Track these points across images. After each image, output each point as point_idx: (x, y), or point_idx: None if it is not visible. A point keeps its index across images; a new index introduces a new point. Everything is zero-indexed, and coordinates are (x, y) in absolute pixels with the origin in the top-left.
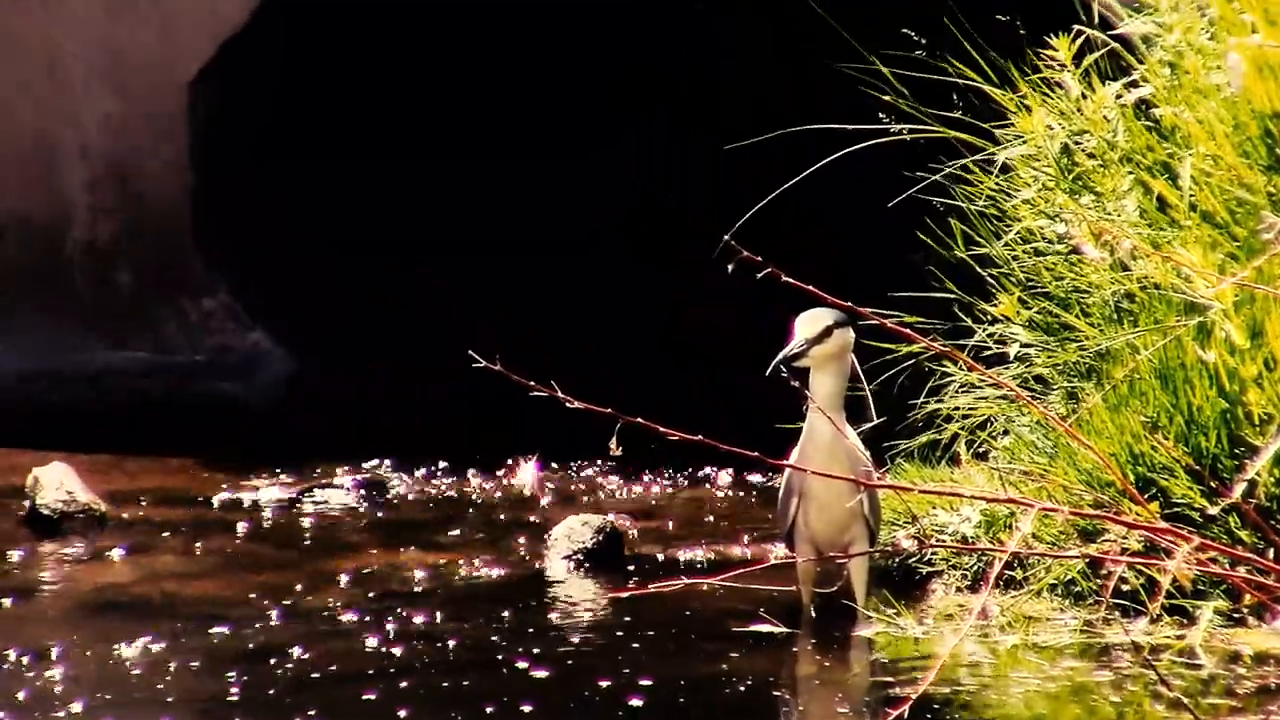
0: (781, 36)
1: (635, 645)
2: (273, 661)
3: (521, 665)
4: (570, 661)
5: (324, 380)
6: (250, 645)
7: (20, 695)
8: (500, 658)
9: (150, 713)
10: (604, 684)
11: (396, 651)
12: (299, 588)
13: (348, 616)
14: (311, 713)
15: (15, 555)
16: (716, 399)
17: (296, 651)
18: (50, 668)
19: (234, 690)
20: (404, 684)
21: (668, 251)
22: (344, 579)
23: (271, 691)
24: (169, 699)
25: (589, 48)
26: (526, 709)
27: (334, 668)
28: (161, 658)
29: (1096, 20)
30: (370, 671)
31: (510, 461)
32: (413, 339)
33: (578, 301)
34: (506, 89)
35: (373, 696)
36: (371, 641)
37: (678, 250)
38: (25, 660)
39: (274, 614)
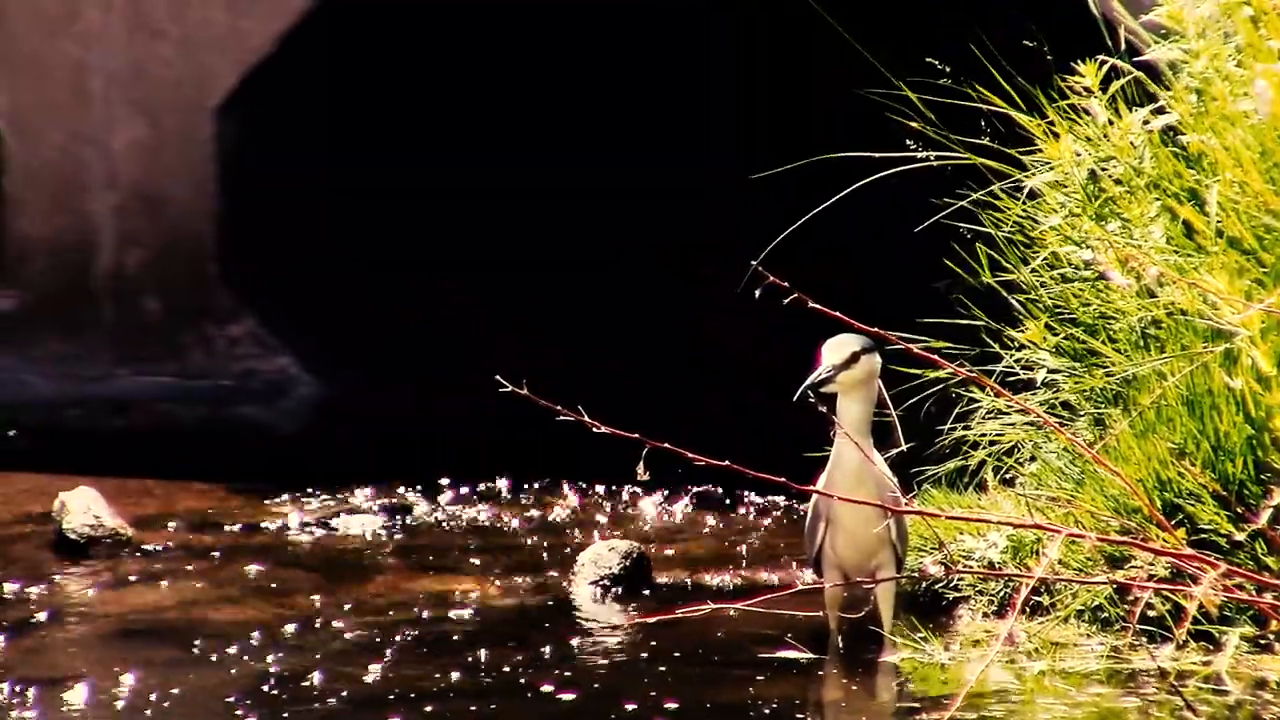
0: (807, 61)
1: (661, 670)
2: (298, 686)
3: (547, 689)
4: (596, 686)
5: (351, 404)
6: (276, 670)
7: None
8: (525, 683)
9: None
10: (630, 708)
11: (422, 676)
12: (325, 613)
13: (372, 641)
14: None
15: (42, 579)
16: (733, 417)
17: (322, 677)
18: (75, 693)
19: (259, 716)
20: (429, 709)
21: (690, 269)
22: (369, 604)
23: (298, 717)
24: None
25: (615, 67)
26: None
27: (359, 693)
28: (187, 683)
29: (1123, 47)
30: (394, 696)
31: (539, 484)
32: (437, 357)
33: (601, 318)
34: (531, 108)
35: None
36: (396, 666)
37: (700, 269)
38: (51, 685)
39: (300, 639)
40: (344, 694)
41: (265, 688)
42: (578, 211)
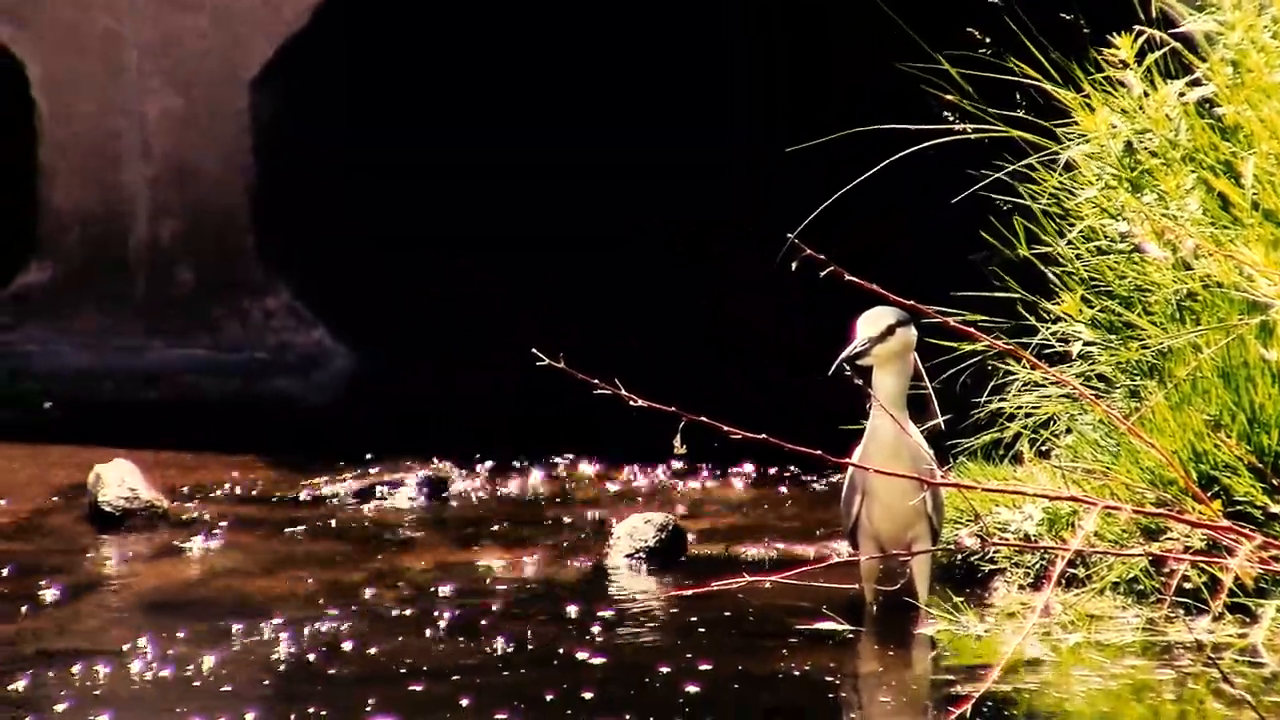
0: (826, 35)
1: (697, 642)
2: (334, 657)
3: (581, 659)
4: (631, 656)
5: (386, 376)
6: (312, 641)
7: (79, 691)
8: (560, 653)
9: (214, 708)
10: (662, 679)
11: (458, 647)
12: (361, 584)
13: (409, 612)
14: (373, 705)
15: (78, 552)
16: (756, 393)
17: (358, 647)
18: (113, 665)
19: (297, 686)
20: (466, 679)
21: (710, 246)
22: (406, 576)
23: (334, 686)
24: (233, 695)
25: (637, 42)
26: (586, 697)
27: (395, 663)
28: (224, 654)
29: (1158, 19)
30: (431, 666)
31: (571, 458)
32: (467, 331)
33: (621, 294)
34: (554, 83)
35: (435, 690)
36: (432, 637)
37: (719, 246)
38: (87, 657)
39: (336, 610)
40: (380, 665)
41: (301, 659)
42: (599, 188)
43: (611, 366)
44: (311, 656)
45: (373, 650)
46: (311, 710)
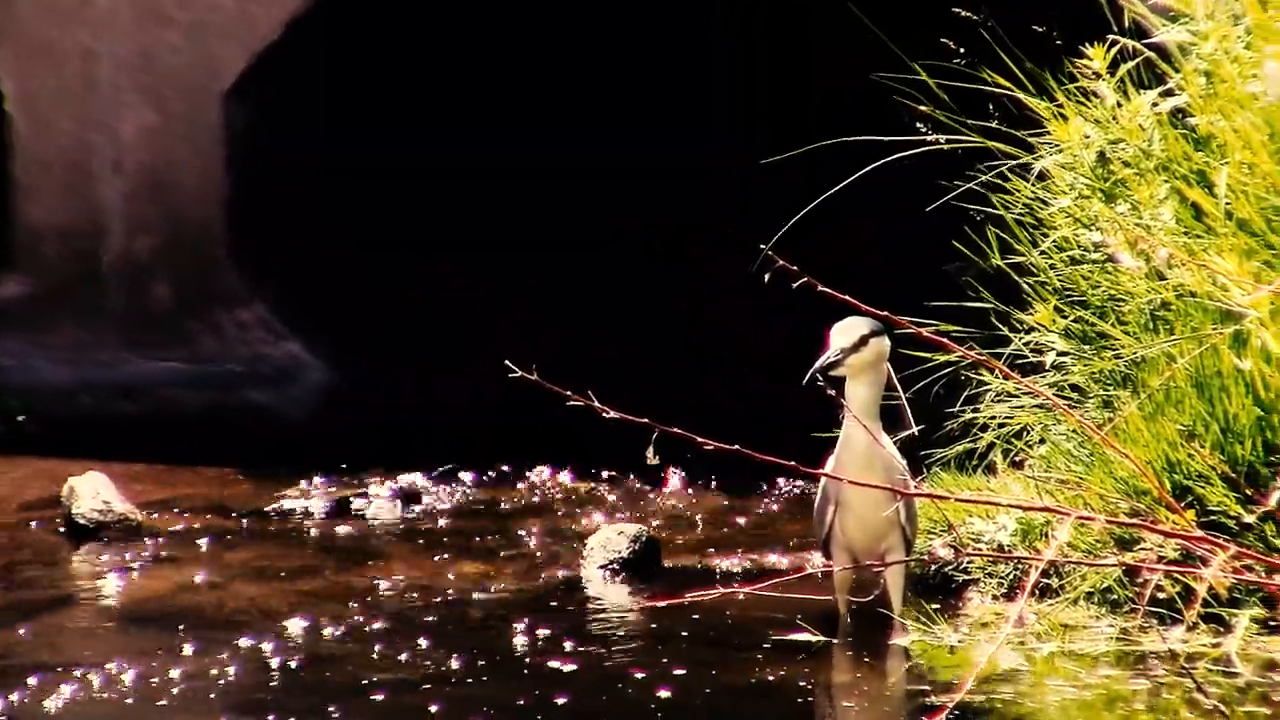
0: (806, 41)
1: (671, 653)
2: (308, 669)
3: (554, 670)
4: (605, 667)
5: (362, 388)
6: (286, 654)
7: (56, 705)
8: (533, 664)
9: None
10: (637, 688)
11: (430, 657)
12: (334, 596)
13: (381, 624)
14: (344, 715)
15: (52, 565)
16: (735, 400)
17: (330, 658)
18: (84, 678)
19: (270, 698)
20: (437, 688)
21: (689, 250)
22: (379, 588)
23: (307, 698)
24: (206, 709)
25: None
26: (559, 705)
27: (369, 675)
28: (198, 667)
29: (1131, 29)
30: (402, 677)
31: (546, 468)
32: (444, 341)
33: (600, 298)
34: (531, 87)
35: (405, 700)
36: (405, 648)
37: (698, 250)
38: (61, 671)
39: (308, 622)
40: (354, 677)
41: (276, 672)
42: (578, 191)
43: (590, 374)
44: (283, 668)
45: (345, 662)
46: (276, 718)
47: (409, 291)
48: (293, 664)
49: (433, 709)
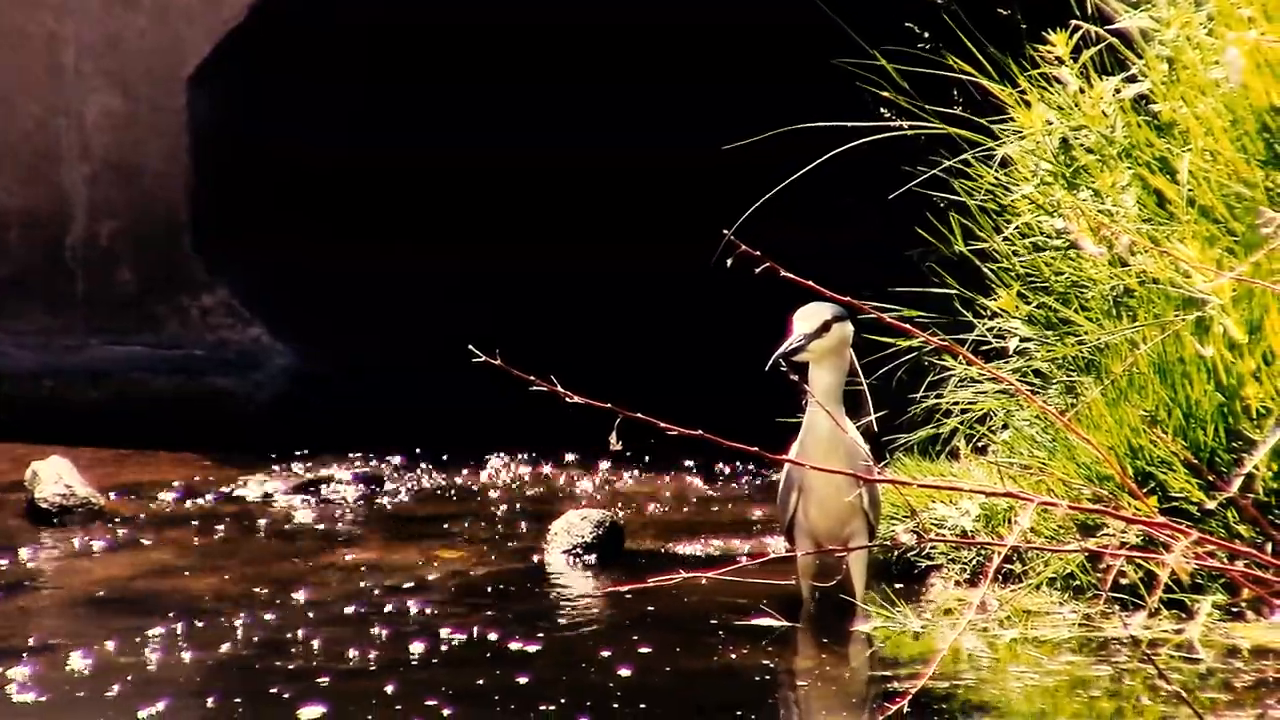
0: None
1: (634, 637)
2: (272, 655)
3: (515, 656)
4: (567, 651)
5: (326, 374)
6: (249, 639)
7: (17, 689)
8: (496, 646)
9: (147, 703)
10: (598, 672)
11: (391, 641)
12: (295, 580)
13: (343, 608)
14: (312, 705)
15: (12, 549)
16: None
17: (290, 641)
18: (45, 661)
19: (235, 684)
20: (401, 674)
21: (659, 240)
22: (343, 573)
23: (264, 680)
24: (170, 693)
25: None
26: (519, 686)
27: (332, 661)
28: (158, 649)
29: (1094, 15)
30: (362, 659)
31: (510, 454)
32: (409, 328)
33: (571, 289)
34: (497, 84)
35: (364, 681)
36: (365, 631)
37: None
38: (20, 655)
39: (274, 608)
40: (317, 662)
41: (238, 657)
42: (548, 186)
43: (556, 360)
44: (244, 651)
45: (305, 644)
46: (239, 701)
47: (373, 277)
48: (250, 647)
49: (389, 690)
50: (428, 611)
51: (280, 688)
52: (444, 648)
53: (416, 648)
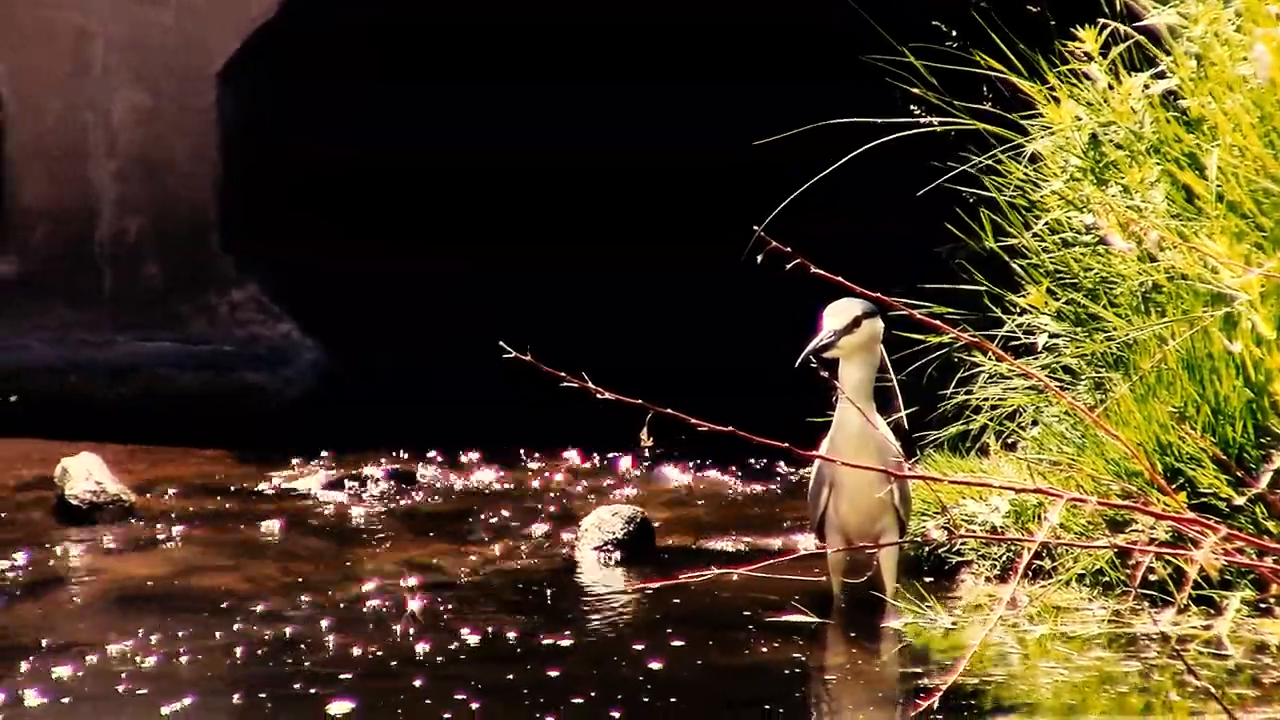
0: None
1: (664, 633)
2: (302, 651)
3: (546, 652)
4: (598, 647)
5: (355, 370)
6: (279, 635)
7: (48, 687)
8: (526, 642)
9: (178, 701)
10: (629, 668)
11: (421, 637)
12: (328, 578)
13: (373, 604)
14: (341, 700)
15: (44, 546)
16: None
17: (325, 641)
18: (78, 660)
19: (264, 681)
20: (430, 671)
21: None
22: (373, 569)
23: (300, 680)
24: (199, 689)
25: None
26: (550, 681)
27: (362, 658)
28: (192, 648)
29: (1123, 12)
30: (393, 655)
31: (541, 451)
32: (438, 324)
33: (598, 288)
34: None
35: (396, 677)
36: (399, 630)
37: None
38: (52, 653)
39: (303, 605)
40: (346, 658)
41: (268, 654)
42: (577, 186)
43: (586, 357)
44: (276, 652)
45: (334, 640)
46: (266, 697)
47: (401, 274)
48: (279, 644)
49: (418, 684)
50: (458, 607)
51: (309, 684)
52: (473, 643)
53: (446, 643)
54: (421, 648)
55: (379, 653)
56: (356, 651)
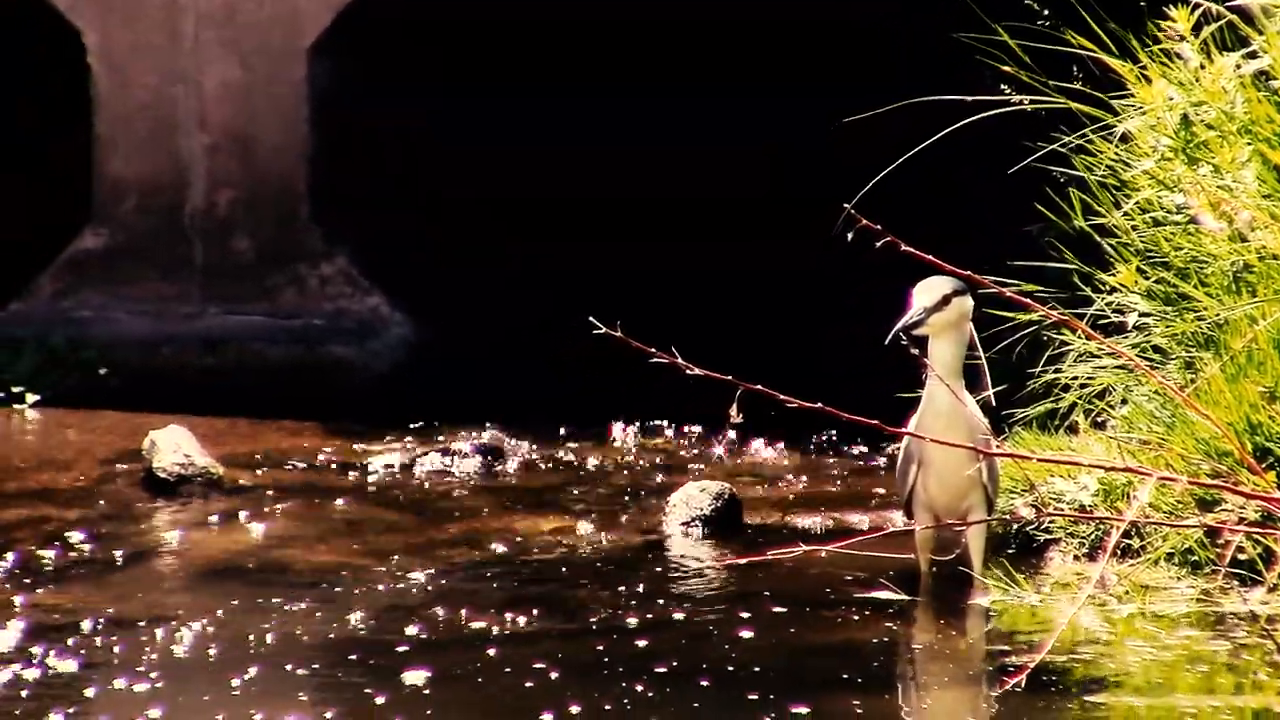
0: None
1: (752, 610)
2: (388, 626)
3: (632, 622)
4: (683, 621)
5: (443, 344)
6: (366, 611)
7: (142, 660)
8: (612, 619)
9: (272, 675)
10: (716, 645)
11: (510, 615)
12: (414, 552)
13: (461, 580)
14: (430, 674)
15: (132, 518)
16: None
17: (408, 613)
18: (167, 633)
19: (354, 653)
20: (517, 647)
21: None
22: (461, 543)
23: (389, 654)
24: (289, 662)
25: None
26: (634, 658)
27: (449, 632)
28: (281, 621)
29: None
30: (482, 635)
31: (628, 426)
32: (524, 298)
33: (680, 266)
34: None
35: (489, 654)
36: (485, 606)
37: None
38: (140, 625)
39: (389, 577)
40: (434, 633)
41: (356, 628)
42: (660, 157)
43: (674, 333)
44: (366, 624)
45: (426, 620)
46: (341, 667)
47: (500, 252)
48: (370, 618)
49: (494, 654)
50: (543, 583)
51: (386, 656)
52: (557, 616)
53: (528, 615)
54: (505, 620)
55: (462, 625)
56: (440, 623)
